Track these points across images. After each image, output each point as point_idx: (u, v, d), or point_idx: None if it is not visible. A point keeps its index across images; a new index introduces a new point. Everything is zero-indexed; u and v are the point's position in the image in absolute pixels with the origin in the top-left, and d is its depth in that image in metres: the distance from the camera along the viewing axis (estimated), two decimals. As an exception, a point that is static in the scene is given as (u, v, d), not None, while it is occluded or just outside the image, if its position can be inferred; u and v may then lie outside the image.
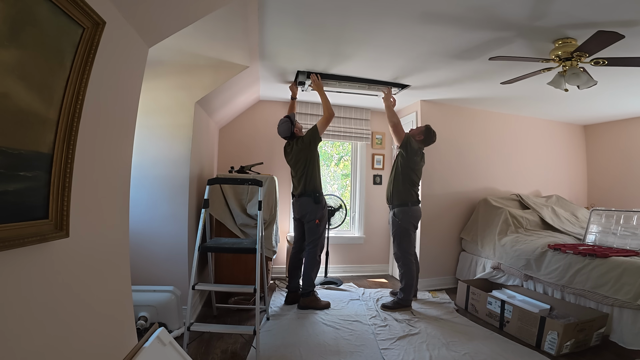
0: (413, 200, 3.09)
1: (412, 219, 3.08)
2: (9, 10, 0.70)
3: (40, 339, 0.90)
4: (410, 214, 3.06)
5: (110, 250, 1.30)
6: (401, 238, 3.07)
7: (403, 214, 3.05)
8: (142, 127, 2.14)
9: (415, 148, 3.05)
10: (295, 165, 3.06)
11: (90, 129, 1.09)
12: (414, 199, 3.09)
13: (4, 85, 0.71)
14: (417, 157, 3.08)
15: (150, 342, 1.18)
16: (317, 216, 2.98)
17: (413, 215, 3.08)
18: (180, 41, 2.02)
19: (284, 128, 3.05)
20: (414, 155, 3.04)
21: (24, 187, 0.81)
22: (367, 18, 2.01)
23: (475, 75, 2.92)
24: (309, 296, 3.00)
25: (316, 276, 3.08)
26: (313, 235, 3.01)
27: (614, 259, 2.47)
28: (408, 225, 3.06)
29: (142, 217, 2.44)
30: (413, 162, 3.06)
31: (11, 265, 0.80)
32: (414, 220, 3.10)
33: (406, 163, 3.06)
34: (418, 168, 3.10)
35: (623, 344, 2.32)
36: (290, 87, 3.28)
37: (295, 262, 3.15)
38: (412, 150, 3.03)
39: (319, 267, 3.07)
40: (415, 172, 3.08)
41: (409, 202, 3.06)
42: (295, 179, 3.10)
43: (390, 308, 2.99)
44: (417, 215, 3.13)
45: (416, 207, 3.11)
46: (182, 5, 1.48)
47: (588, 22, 1.92)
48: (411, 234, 3.09)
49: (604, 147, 4.55)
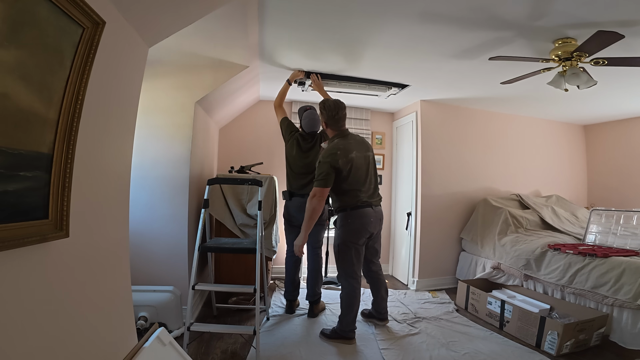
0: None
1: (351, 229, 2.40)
2: (9, 10, 0.70)
3: (40, 339, 0.90)
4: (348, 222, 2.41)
5: (110, 250, 1.30)
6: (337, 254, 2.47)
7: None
8: (142, 127, 2.14)
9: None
10: (310, 165, 2.78)
11: (90, 129, 1.09)
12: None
13: (4, 85, 0.71)
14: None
15: (150, 342, 1.18)
16: (327, 217, 2.96)
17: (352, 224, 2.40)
18: (180, 41, 2.02)
19: (315, 122, 2.84)
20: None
21: (24, 187, 0.81)
22: (367, 18, 2.01)
23: (475, 75, 2.92)
24: (319, 302, 2.93)
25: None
26: (319, 235, 2.94)
27: (614, 258, 2.47)
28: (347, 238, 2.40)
29: (142, 217, 2.44)
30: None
31: (11, 265, 0.80)
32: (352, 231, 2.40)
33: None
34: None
35: (623, 344, 2.32)
36: (293, 73, 2.93)
37: (295, 269, 2.95)
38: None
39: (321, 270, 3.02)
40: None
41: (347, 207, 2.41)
42: (302, 176, 2.82)
43: (327, 336, 2.43)
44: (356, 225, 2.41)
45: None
46: (182, 5, 1.48)
47: (588, 22, 1.92)
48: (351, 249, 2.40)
49: (604, 147, 4.55)
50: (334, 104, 2.44)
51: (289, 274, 2.95)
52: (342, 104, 2.48)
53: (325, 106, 2.45)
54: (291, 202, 2.89)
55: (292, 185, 2.89)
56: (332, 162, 2.27)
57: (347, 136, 2.45)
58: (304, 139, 2.89)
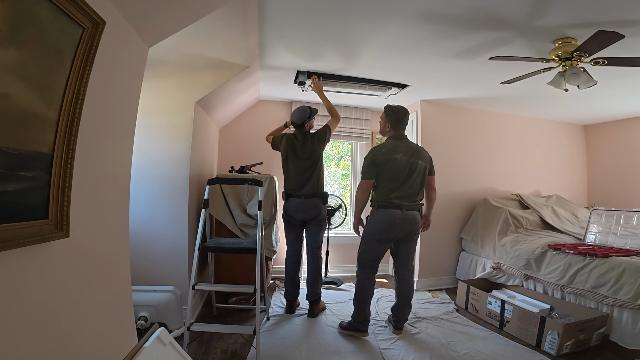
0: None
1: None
2: (9, 10, 0.70)
3: (40, 339, 0.90)
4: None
5: (110, 250, 1.30)
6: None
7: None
8: (142, 127, 2.14)
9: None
10: (305, 162, 2.83)
11: (90, 129, 1.09)
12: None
13: (4, 85, 0.71)
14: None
15: (150, 342, 1.18)
16: (325, 217, 2.94)
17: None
18: (180, 41, 2.02)
19: (301, 114, 2.89)
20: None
21: (24, 187, 0.81)
22: (367, 18, 2.01)
23: (475, 75, 2.92)
24: (319, 302, 2.91)
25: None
26: (317, 235, 2.93)
27: (614, 258, 2.47)
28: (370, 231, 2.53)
29: (142, 217, 2.44)
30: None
31: (11, 265, 0.80)
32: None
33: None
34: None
35: (623, 344, 2.32)
36: (286, 123, 3.14)
37: (295, 269, 2.95)
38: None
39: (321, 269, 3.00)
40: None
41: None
42: (299, 176, 2.84)
43: (343, 328, 2.55)
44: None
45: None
46: (182, 5, 1.48)
47: (588, 22, 1.92)
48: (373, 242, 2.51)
49: (604, 147, 4.55)
50: (402, 109, 2.58)
51: (288, 274, 2.95)
52: (407, 110, 2.60)
53: (393, 109, 2.57)
54: (288, 203, 2.91)
55: (288, 187, 2.92)
56: (374, 157, 2.47)
57: (401, 140, 2.55)
58: (295, 137, 2.92)
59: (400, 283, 2.60)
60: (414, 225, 2.48)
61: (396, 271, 2.62)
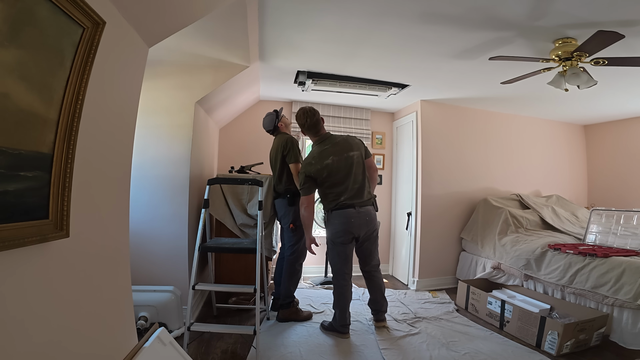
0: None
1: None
2: (9, 10, 0.70)
3: (40, 339, 0.90)
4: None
5: (110, 250, 1.30)
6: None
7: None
8: (142, 127, 2.14)
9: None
10: (273, 162, 2.84)
11: (90, 129, 1.09)
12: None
13: (4, 85, 0.71)
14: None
15: (150, 342, 1.18)
16: (291, 220, 2.73)
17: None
18: (180, 41, 2.02)
19: (268, 121, 2.89)
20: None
21: (24, 187, 0.81)
22: (367, 18, 2.01)
23: (475, 75, 2.92)
24: (288, 307, 2.74)
25: (295, 287, 2.79)
26: (289, 241, 2.78)
27: (614, 258, 2.47)
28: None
29: (142, 217, 2.44)
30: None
31: (11, 265, 0.80)
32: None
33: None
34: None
35: (623, 344, 2.32)
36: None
37: (280, 268, 2.90)
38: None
39: (298, 277, 2.81)
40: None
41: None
42: (280, 179, 2.80)
43: (325, 328, 2.56)
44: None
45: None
46: (182, 5, 1.48)
47: (588, 22, 1.92)
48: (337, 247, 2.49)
49: (604, 147, 4.55)
50: (302, 113, 2.53)
51: (277, 275, 2.93)
52: (311, 110, 2.53)
53: (296, 118, 2.56)
54: (275, 202, 2.89)
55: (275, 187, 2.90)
56: (307, 172, 2.45)
57: (325, 141, 2.52)
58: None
59: (369, 279, 2.65)
60: (370, 222, 2.49)
61: (361, 269, 2.67)
